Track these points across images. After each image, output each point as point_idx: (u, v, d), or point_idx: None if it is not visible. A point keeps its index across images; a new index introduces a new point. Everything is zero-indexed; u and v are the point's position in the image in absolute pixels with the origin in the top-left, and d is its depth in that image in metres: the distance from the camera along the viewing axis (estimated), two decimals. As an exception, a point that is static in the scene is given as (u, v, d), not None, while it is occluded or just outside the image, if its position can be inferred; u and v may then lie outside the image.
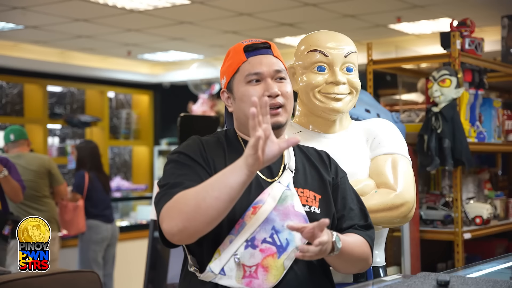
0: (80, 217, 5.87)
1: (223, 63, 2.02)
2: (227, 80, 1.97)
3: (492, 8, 6.29)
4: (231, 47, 2.01)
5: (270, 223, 1.81)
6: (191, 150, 1.89)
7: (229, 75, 1.96)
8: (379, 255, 2.26)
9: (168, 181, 1.83)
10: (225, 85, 1.98)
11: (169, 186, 1.81)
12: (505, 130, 4.51)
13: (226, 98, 1.99)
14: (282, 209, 1.84)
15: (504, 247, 4.66)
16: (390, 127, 2.33)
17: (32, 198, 5.36)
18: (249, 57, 1.92)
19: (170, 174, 1.85)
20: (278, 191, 1.86)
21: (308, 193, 1.91)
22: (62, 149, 9.28)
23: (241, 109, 1.92)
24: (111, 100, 10.20)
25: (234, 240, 1.80)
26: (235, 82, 1.93)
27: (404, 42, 8.12)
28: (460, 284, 1.70)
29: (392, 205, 2.14)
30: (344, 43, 2.26)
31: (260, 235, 1.80)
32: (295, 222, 1.80)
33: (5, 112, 8.85)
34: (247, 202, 1.83)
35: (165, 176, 1.87)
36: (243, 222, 1.81)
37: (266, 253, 1.80)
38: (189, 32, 7.64)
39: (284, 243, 1.81)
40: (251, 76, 1.90)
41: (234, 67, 1.94)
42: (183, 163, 1.86)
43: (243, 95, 1.90)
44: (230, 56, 1.98)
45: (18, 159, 5.38)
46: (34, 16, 6.68)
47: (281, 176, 1.90)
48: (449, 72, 3.79)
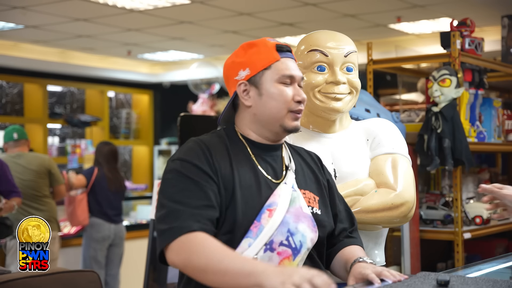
0: (80, 209, 5.85)
1: (237, 54, 1.94)
2: (252, 73, 1.89)
3: (492, 8, 6.29)
4: (256, 40, 1.94)
5: (285, 226, 1.82)
6: (195, 157, 1.82)
7: (256, 68, 1.89)
8: (379, 255, 2.26)
9: (173, 198, 1.75)
10: (247, 77, 1.90)
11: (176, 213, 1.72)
12: (505, 130, 4.51)
13: (243, 90, 1.90)
14: (293, 211, 1.85)
15: (504, 247, 4.66)
16: (390, 127, 2.33)
17: (32, 198, 5.36)
18: (282, 57, 1.90)
19: (173, 189, 1.78)
20: (288, 192, 1.87)
21: (309, 194, 1.93)
22: (62, 148, 9.28)
23: (268, 106, 1.88)
24: (111, 100, 10.21)
25: (253, 243, 1.78)
26: (266, 78, 1.88)
27: (404, 42, 8.12)
28: (460, 284, 1.70)
29: (392, 205, 2.14)
30: (344, 43, 2.26)
31: (277, 238, 1.81)
32: (308, 225, 1.85)
33: (5, 111, 8.85)
34: (260, 204, 1.83)
35: (167, 188, 1.79)
36: (260, 225, 1.80)
37: (283, 256, 1.81)
38: (189, 32, 7.64)
39: (298, 245, 1.83)
40: (286, 78, 1.89)
41: (266, 62, 1.89)
42: (187, 176, 1.79)
43: (276, 94, 1.88)
44: (258, 50, 1.91)
45: (18, 158, 5.38)
46: (34, 16, 6.68)
47: (286, 177, 1.90)
48: (449, 72, 3.79)
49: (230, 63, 1.95)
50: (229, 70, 1.94)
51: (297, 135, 2.26)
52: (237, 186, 1.82)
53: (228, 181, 1.82)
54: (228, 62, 1.96)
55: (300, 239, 1.83)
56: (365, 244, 2.19)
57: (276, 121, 1.90)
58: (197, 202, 1.75)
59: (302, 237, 1.83)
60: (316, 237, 1.88)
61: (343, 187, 2.15)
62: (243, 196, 1.82)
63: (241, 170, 1.85)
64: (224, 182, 1.81)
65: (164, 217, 1.74)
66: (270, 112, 1.89)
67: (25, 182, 5.28)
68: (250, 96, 1.90)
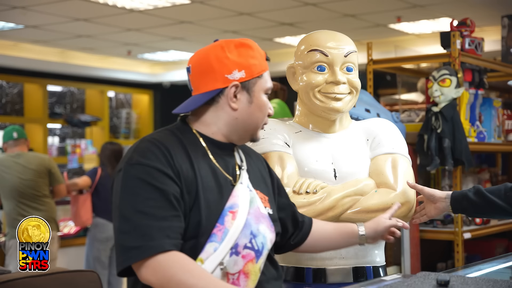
0: (84, 210, 5.85)
1: (230, 51, 1.83)
2: (247, 77, 1.82)
3: (492, 8, 6.29)
4: (249, 42, 1.87)
5: (248, 228, 1.77)
6: (156, 160, 1.71)
7: (252, 74, 1.82)
8: (379, 255, 2.26)
9: (137, 209, 1.65)
10: (241, 80, 1.81)
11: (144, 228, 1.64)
12: (505, 130, 4.51)
13: (234, 92, 1.81)
14: (253, 212, 1.80)
15: (504, 247, 4.66)
16: (390, 126, 2.33)
17: (32, 198, 5.36)
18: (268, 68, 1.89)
19: (136, 198, 1.67)
20: (246, 193, 1.82)
21: (261, 194, 1.89)
22: (62, 148, 9.28)
23: (254, 116, 1.84)
24: (111, 100, 10.21)
25: (218, 248, 1.72)
26: (257, 86, 1.84)
27: (404, 42, 8.12)
28: (460, 284, 1.70)
29: (392, 205, 2.14)
30: (344, 42, 2.26)
31: (242, 241, 1.75)
32: (267, 225, 1.82)
33: (5, 111, 8.85)
34: (221, 206, 1.76)
35: (129, 197, 1.68)
36: (224, 228, 1.73)
37: (247, 259, 1.76)
38: (189, 32, 7.65)
39: (260, 247, 1.79)
40: (268, 90, 1.88)
41: (260, 70, 1.84)
42: (150, 183, 1.68)
43: (264, 106, 1.85)
44: (253, 54, 1.84)
45: (18, 158, 5.38)
46: (34, 16, 6.68)
47: (241, 177, 1.85)
48: (449, 72, 3.79)
49: (222, 57, 1.81)
50: (220, 64, 1.81)
51: (297, 135, 2.27)
52: (200, 188, 1.74)
53: (191, 184, 1.73)
54: (219, 54, 1.82)
55: (261, 240, 1.80)
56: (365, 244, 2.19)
57: (252, 131, 1.86)
58: (164, 213, 1.66)
59: (263, 239, 1.80)
60: (274, 237, 1.86)
61: (343, 187, 2.15)
62: (206, 199, 1.74)
63: (202, 171, 1.76)
64: (187, 185, 1.72)
65: (130, 231, 1.64)
66: (252, 122, 1.85)
67: (25, 182, 5.28)
68: (239, 99, 1.82)
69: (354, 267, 2.18)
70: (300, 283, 2.16)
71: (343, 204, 2.12)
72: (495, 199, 2.14)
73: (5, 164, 5.31)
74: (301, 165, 2.20)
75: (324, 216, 2.10)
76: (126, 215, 1.66)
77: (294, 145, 2.24)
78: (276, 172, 2.14)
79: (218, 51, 1.83)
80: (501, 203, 2.14)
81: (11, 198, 5.27)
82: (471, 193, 2.18)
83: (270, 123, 2.27)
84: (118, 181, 1.72)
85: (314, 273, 2.17)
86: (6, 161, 5.33)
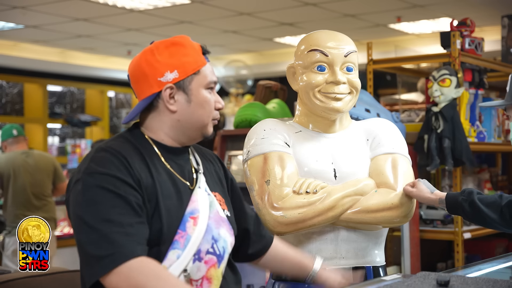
0: None
1: (161, 52, 1.79)
2: (181, 76, 1.77)
3: (492, 7, 6.30)
4: (180, 39, 1.83)
5: (209, 233, 1.76)
6: (115, 169, 1.68)
7: (185, 72, 1.77)
8: (379, 255, 2.26)
9: (102, 217, 1.62)
10: (175, 81, 1.77)
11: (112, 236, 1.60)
12: (505, 130, 4.51)
13: (169, 94, 1.77)
14: (213, 217, 1.79)
15: (504, 247, 4.66)
16: (390, 126, 2.33)
17: (39, 197, 5.39)
18: (207, 61, 1.83)
19: (100, 207, 1.63)
20: (205, 197, 1.80)
21: (219, 196, 1.88)
22: (62, 148, 9.28)
23: (196, 114, 1.79)
24: (111, 100, 10.21)
25: (181, 255, 1.70)
26: (195, 83, 1.79)
27: (404, 41, 8.13)
28: (460, 284, 1.70)
29: (392, 205, 2.14)
30: (344, 42, 2.26)
31: (204, 246, 1.75)
32: (226, 229, 1.82)
33: (5, 111, 8.85)
34: (181, 212, 1.75)
35: (92, 207, 1.63)
36: (187, 234, 1.72)
37: (209, 264, 1.76)
38: (189, 32, 7.64)
39: (222, 251, 1.79)
40: (211, 84, 1.82)
41: (195, 66, 1.79)
42: (112, 191, 1.65)
43: (205, 102, 1.80)
44: (186, 52, 1.80)
45: (27, 156, 5.39)
46: (34, 16, 6.68)
47: (198, 181, 1.83)
48: (449, 71, 3.79)
49: (152, 60, 1.77)
50: (151, 68, 1.77)
51: (297, 135, 2.26)
52: (160, 195, 1.71)
53: (151, 192, 1.70)
54: (149, 58, 1.78)
55: (222, 245, 1.79)
56: (365, 244, 2.19)
57: (199, 129, 1.82)
58: (130, 220, 1.63)
59: (224, 243, 1.80)
60: (234, 240, 1.85)
61: (343, 187, 2.15)
62: (166, 206, 1.71)
63: (160, 177, 1.74)
64: (148, 193, 1.70)
65: (98, 241, 1.60)
66: (196, 120, 1.80)
67: (35, 181, 5.31)
68: (176, 101, 1.78)
69: (354, 267, 2.18)
70: (300, 283, 2.16)
71: (343, 204, 2.12)
72: (490, 213, 2.12)
73: (17, 163, 5.32)
74: (301, 165, 2.20)
75: (324, 216, 2.10)
76: (92, 225, 1.61)
77: (294, 145, 2.24)
78: (276, 172, 2.14)
79: (148, 55, 1.80)
80: (496, 218, 2.12)
81: (19, 196, 5.29)
82: (466, 205, 2.15)
83: (270, 123, 2.28)
84: (76, 192, 1.67)
85: (314, 273, 2.16)
86: (16, 159, 5.34)
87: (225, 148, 4.14)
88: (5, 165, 5.29)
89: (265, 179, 2.15)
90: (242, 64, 9.25)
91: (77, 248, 1.67)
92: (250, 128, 2.32)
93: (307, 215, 2.09)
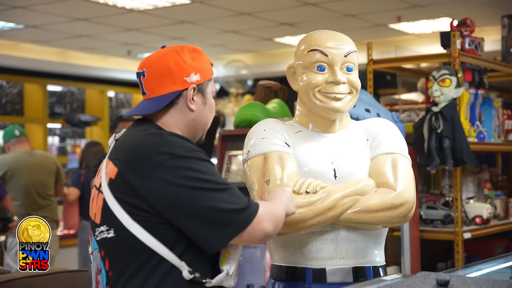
0: (70, 214, 5.90)
1: (186, 55, 1.92)
2: (202, 80, 1.95)
3: (492, 7, 6.30)
4: (197, 48, 1.98)
5: None
6: (197, 150, 1.88)
7: (205, 77, 1.96)
8: (379, 255, 2.25)
9: (219, 181, 1.81)
10: (198, 83, 1.94)
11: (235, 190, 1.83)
12: (505, 130, 4.51)
13: (192, 94, 1.92)
14: None
15: (504, 247, 4.66)
16: (390, 126, 2.33)
17: (43, 197, 5.40)
18: None
19: (216, 174, 1.83)
20: None
21: None
22: (62, 148, 9.28)
23: (206, 116, 1.99)
24: (111, 100, 10.21)
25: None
26: (209, 89, 1.98)
27: (404, 41, 8.13)
28: (460, 284, 1.70)
29: (392, 205, 2.14)
30: (344, 42, 2.26)
31: None
32: None
33: (5, 111, 8.85)
34: None
35: (209, 173, 1.81)
36: None
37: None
38: (189, 32, 7.65)
39: None
40: (215, 93, 2.03)
41: (210, 74, 1.98)
42: (210, 162, 1.86)
43: (213, 107, 2.01)
44: (204, 59, 1.97)
45: (30, 156, 5.40)
46: (34, 16, 6.68)
47: None
48: (449, 71, 3.79)
49: (179, 61, 1.90)
50: (178, 68, 1.90)
51: (297, 135, 2.26)
52: None
53: None
54: (176, 58, 1.90)
55: None
56: (365, 244, 2.19)
57: (202, 132, 2.01)
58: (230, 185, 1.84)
59: None
60: None
61: (343, 187, 2.15)
62: None
63: None
64: None
65: (229, 198, 1.78)
66: (205, 122, 1.99)
67: (39, 180, 5.33)
68: (195, 101, 1.94)
69: (354, 267, 2.18)
70: (300, 283, 2.16)
71: (343, 204, 2.12)
72: None
73: (20, 162, 5.33)
74: (301, 165, 2.20)
75: (324, 216, 2.10)
76: (218, 187, 1.78)
77: (294, 145, 2.24)
78: (276, 172, 2.15)
79: (175, 55, 1.91)
80: None
81: (24, 196, 5.31)
82: None
83: (270, 123, 2.28)
84: (178, 167, 1.77)
85: (314, 273, 2.16)
86: (21, 159, 5.36)
87: (225, 148, 4.13)
88: (10, 164, 5.31)
89: (265, 179, 2.15)
90: (242, 64, 9.25)
91: (194, 219, 1.75)
92: (250, 128, 2.32)
93: (307, 215, 2.09)
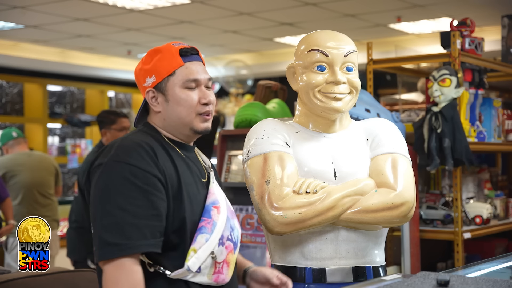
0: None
1: (145, 61, 1.99)
2: (158, 80, 1.96)
3: (492, 7, 6.30)
4: (161, 46, 2.00)
5: (228, 222, 1.97)
6: (143, 161, 1.82)
7: (161, 75, 1.95)
8: (379, 255, 2.26)
9: (121, 206, 1.75)
10: (153, 84, 1.96)
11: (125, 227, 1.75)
12: (505, 130, 4.51)
13: (152, 97, 1.97)
14: (228, 208, 2.02)
15: (504, 247, 4.66)
16: (390, 126, 2.33)
17: (44, 196, 5.41)
18: (185, 62, 1.97)
19: (121, 197, 1.77)
20: (220, 191, 2.02)
21: None
22: (62, 148, 9.28)
23: (175, 112, 1.95)
24: (111, 100, 10.21)
25: (209, 238, 1.88)
26: (170, 84, 1.95)
27: (404, 41, 8.13)
28: (460, 284, 1.70)
29: (392, 205, 2.14)
30: (344, 42, 2.26)
31: (225, 233, 1.95)
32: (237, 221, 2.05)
33: (5, 111, 8.85)
34: (201, 202, 1.94)
35: (115, 195, 1.77)
36: (213, 221, 1.91)
37: (228, 250, 1.95)
38: (189, 32, 7.65)
39: (236, 239, 2.01)
40: (190, 83, 1.96)
41: (170, 69, 1.95)
42: (133, 183, 1.79)
43: (182, 99, 1.95)
44: (162, 57, 1.96)
45: (30, 156, 5.41)
46: (34, 16, 6.68)
47: (212, 176, 2.04)
48: (449, 71, 3.79)
49: (138, 70, 2.01)
50: (138, 77, 2.01)
51: (297, 135, 2.27)
52: (183, 185, 1.89)
53: (174, 181, 1.88)
54: (137, 68, 2.01)
55: (236, 234, 2.01)
56: (365, 244, 2.19)
57: (185, 125, 1.97)
58: (145, 212, 1.78)
59: (237, 232, 2.03)
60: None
61: (343, 187, 2.15)
62: (188, 195, 1.89)
63: (181, 169, 1.92)
64: (171, 182, 1.86)
65: (111, 227, 1.75)
66: (178, 117, 1.96)
67: (39, 180, 5.33)
68: (159, 102, 1.97)
69: (354, 267, 2.18)
70: (300, 283, 2.16)
71: (343, 204, 2.12)
72: None
73: (20, 163, 5.34)
74: (301, 165, 2.20)
75: (324, 216, 2.10)
76: (108, 210, 1.77)
77: (294, 145, 2.24)
78: (276, 172, 2.15)
79: (138, 65, 2.03)
80: None
81: (25, 195, 5.31)
82: None
83: (270, 123, 2.28)
84: (101, 176, 1.82)
85: (314, 273, 2.16)
86: (20, 159, 5.37)
87: (225, 148, 4.13)
88: (10, 164, 5.31)
89: (265, 179, 2.15)
90: (242, 64, 9.25)
91: (91, 226, 1.81)
92: (250, 128, 2.32)
93: (307, 215, 2.09)
